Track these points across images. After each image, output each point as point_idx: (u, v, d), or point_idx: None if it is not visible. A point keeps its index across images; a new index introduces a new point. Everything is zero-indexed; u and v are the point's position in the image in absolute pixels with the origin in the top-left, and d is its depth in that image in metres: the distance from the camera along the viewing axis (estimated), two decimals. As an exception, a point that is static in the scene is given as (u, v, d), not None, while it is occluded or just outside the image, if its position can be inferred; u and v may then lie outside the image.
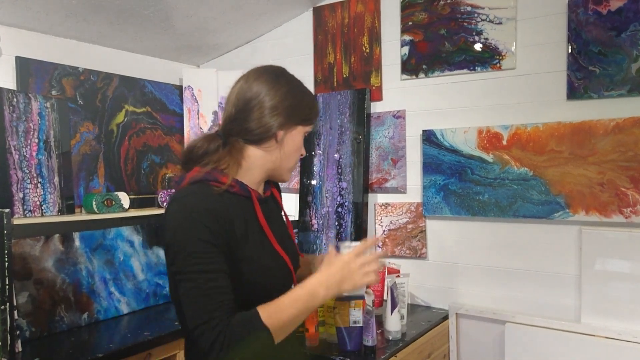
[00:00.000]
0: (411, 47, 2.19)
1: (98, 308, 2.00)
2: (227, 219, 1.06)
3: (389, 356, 1.66)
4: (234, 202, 1.11)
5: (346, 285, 1.08)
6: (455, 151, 2.07)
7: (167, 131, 2.58)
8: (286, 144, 1.18)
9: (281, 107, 1.15)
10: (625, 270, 1.74)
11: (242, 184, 1.14)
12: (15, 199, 1.88)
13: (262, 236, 1.16)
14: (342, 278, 1.08)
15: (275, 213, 1.27)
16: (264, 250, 1.14)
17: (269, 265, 1.14)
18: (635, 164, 1.73)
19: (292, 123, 1.17)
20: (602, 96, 1.79)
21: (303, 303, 1.05)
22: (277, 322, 1.01)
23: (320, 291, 1.06)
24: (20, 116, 1.91)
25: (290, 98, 1.17)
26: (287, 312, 1.03)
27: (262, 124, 1.13)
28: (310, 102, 1.22)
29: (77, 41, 2.24)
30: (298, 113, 1.18)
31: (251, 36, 2.64)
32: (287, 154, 1.19)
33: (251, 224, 1.14)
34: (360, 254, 1.11)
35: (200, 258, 1.01)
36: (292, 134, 1.18)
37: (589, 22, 1.80)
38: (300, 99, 1.19)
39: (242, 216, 1.11)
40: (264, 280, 1.12)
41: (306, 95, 1.22)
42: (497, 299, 2.03)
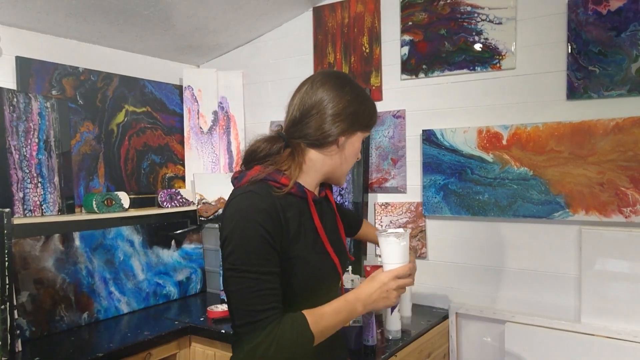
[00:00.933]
0: (411, 47, 2.20)
1: (98, 308, 2.00)
2: (283, 219, 1.09)
3: (389, 356, 1.66)
4: (290, 202, 1.14)
5: (381, 304, 1.14)
6: (455, 151, 2.07)
7: (167, 131, 2.58)
8: (346, 149, 1.21)
9: (344, 114, 1.17)
10: (625, 270, 1.74)
11: (300, 185, 1.17)
12: (16, 199, 1.88)
13: (316, 236, 1.18)
14: (379, 298, 1.13)
15: (328, 214, 1.29)
16: (315, 251, 1.17)
17: (318, 265, 1.16)
18: (635, 164, 1.73)
19: (353, 130, 1.20)
20: (602, 96, 1.79)
21: (343, 315, 1.11)
22: (319, 329, 1.07)
23: (358, 307, 1.13)
24: (20, 116, 1.91)
25: (353, 106, 1.19)
26: (328, 321, 1.09)
27: (325, 130, 1.16)
28: (371, 110, 1.25)
29: (77, 41, 2.24)
30: (359, 120, 1.20)
31: (251, 36, 2.64)
32: (346, 159, 1.23)
33: (305, 224, 1.16)
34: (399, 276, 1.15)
35: (255, 258, 1.03)
36: (352, 139, 1.21)
37: (589, 22, 1.80)
38: (362, 107, 1.21)
39: (298, 216, 1.14)
40: (312, 280, 1.15)
41: (367, 102, 1.24)
42: (497, 299, 2.03)
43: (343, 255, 1.29)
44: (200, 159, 2.64)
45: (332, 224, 1.29)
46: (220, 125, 2.68)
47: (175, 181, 2.62)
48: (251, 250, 1.03)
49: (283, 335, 1.01)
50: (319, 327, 1.07)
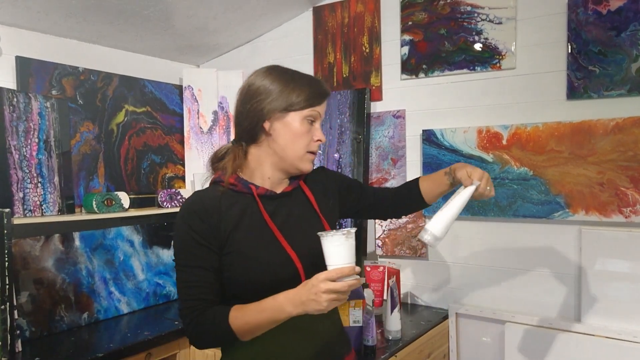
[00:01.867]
0: (411, 47, 2.20)
1: (98, 308, 2.00)
2: (215, 216, 1.14)
3: (389, 356, 1.66)
4: (236, 199, 1.17)
5: (310, 307, 1.03)
6: (455, 151, 2.07)
7: (167, 131, 2.58)
8: (278, 134, 1.17)
9: (263, 99, 1.16)
10: (625, 270, 1.74)
11: (244, 182, 1.19)
12: (16, 199, 1.88)
13: (265, 231, 1.16)
14: (307, 300, 1.03)
15: (301, 208, 1.25)
16: (262, 245, 1.15)
17: (265, 259, 1.14)
18: (635, 164, 1.73)
19: (277, 110, 1.16)
20: (602, 96, 1.79)
21: (268, 314, 1.07)
22: (241, 325, 1.08)
23: (287, 307, 1.05)
24: (20, 116, 1.91)
25: (274, 87, 1.16)
26: (250, 317, 1.08)
27: (250, 121, 1.18)
28: (300, 87, 1.18)
29: (77, 41, 2.24)
30: (283, 100, 1.16)
31: (251, 36, 2.64)
32: (284, 144, 1.17)
33: (251, 219, 1.17)
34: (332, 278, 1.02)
35: (184, 254, 1.14)
36: (283, 122, 1.17)
37: (589, 22, 1.80)
38: (285, 86, 1.17)
39: (239, 212, 1.16)
40: (258, 274, 1.13)
41: (294, 80, 1.18)
42: (497, 299, 2.03)
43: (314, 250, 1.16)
44: (200, 159, 2.64)
45: (299, 217, 1.23)
46: (220, 125, 2.68)
47: (175, 181, 2.62)
48: (181, 247, 1.14)
49: (202, 326, 1.10)
50: (239, 321, 1.08)
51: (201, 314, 1.10)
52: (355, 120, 2.31)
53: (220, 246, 1.14)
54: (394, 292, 1.77)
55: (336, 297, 1.02)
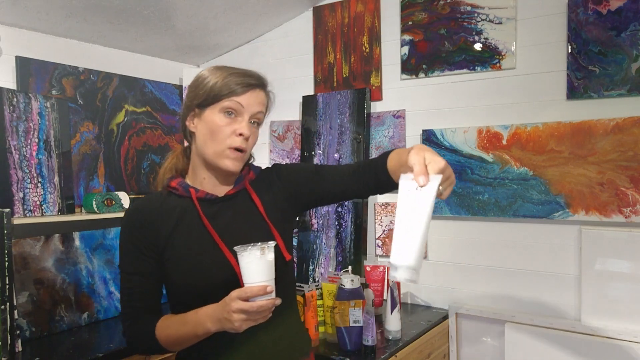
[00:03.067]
0: (411, 47, 2.20)
1: (98, 308, 2.00)
2: (153, 222, 1.14)
3: (389, 356, 1.66)
4: (175, 203, 1.17)
5: (226, 325, 1.00)
6: (455, 151, 2.07)
7: (167, 131, 2.58)
8: (199, 131, 1.15)
9: (185, 101, 1.18)
10: (625, 270, 1.74)
11: (185, 185, 1.18)
12: (16, 199, 1.88)
13: (204, 235, 1.14)
14: (222, 318, 1.00)
15: (244, 212, 1.19)
16: (200, 250, 1.13)
17: (203, 265, 1.11)
18: (635, 164, 1.73)
19: (194, 109, 1.15)
20: (602, 96, 1.79)
21: (190, 328, 1.06)
22: (165, 336, 1.09)
23: (207, 323, 1.03)
24: (20, 116, 1.91)
25: (190, 89, 1.17)
26: (174, 329, 1.08)
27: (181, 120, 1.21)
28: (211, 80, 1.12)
29: (77, 41, 2.24)
30: (194, 98, 1.15)
31: (251, 36, 2.64)
32: (203, 140, 1.13)
33: (190, 223, 1.15)
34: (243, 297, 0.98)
35: (122, 260, 1.16)
36: (202, 118, 1.14)
37: (589, 22, 1.80)
38: (198, 83, 1.15)
39: (176, 217, 1.15)
40: (196, 280, 1.11)
41: (207, 76, 1.14)
42: (497, 299, 2.03)
43: None
44: (200, 159, 2.64)
45: (242, 221, 1.18)
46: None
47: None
48: (121, 253, 1.16)
49: (135, 333, 1.13)
50: (164, 332, 1.09)
51: (134, 322, 1.12)
52: (355, 120, 2.31)
53: (160, 252, 1.13)
54: (394, 292, 1.77)
55: (247, 318, 0.97)
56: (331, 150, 2.37)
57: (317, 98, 2.43)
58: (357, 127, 2.30)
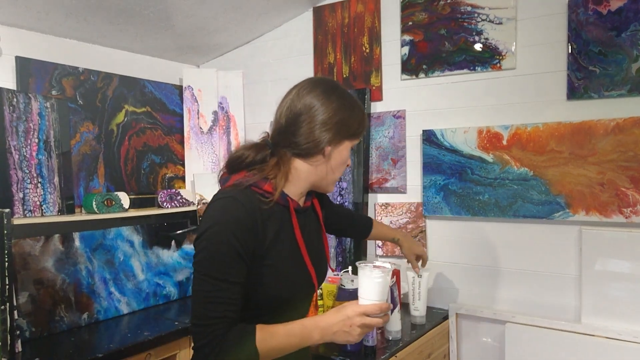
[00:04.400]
0: (411, 47, 2.19)
1: (98, 308, 2.00)
2: (260, 228, 1.08)
3: (389, 356, 1.66)
4: (273, 210, 1.13)
5: (341, 338, 1.05)
6: (455, 151, 2.07)
7: (167, 131, 2.58)
8: (333, 159, 1.17)
9: (330, 123, 1.14)
10: (625, 270, 1.74)
11: (283, 194, 1.15)
12: (15, 199, 1.88)
13: (294, 247, 1.16)
14: (340, 331, 1.04)
15: (312, 225, 1.26)
16: (291, 261, 1.15)
17: (292, 276, 1.14)
18: (635, 164, 1.73)
19: (340, 138, 1.16)
20: (602, 96, 1.79)
21: (296, 340, 1.06)
22: (267, 348, 1.04)
23: (315, 335, 1.05)
24: (20, 116, 1.91)
25: (340, 114, 1.15)
26: (279, 342, 1.05)
27: (311, 139, 1.14)
28: (359, 117, 1.20)
29: (77, 41, 2.24)
30: (347, 128, 1.16)
31: (251, 36, 2.64)
32: (334, 168, 1.19)
33: (285, 234, 1.15)
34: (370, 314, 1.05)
35: (219, 265, 1.03)
36: (339, 148, 1.17)
37: (589, 22, 1.80)
38: (350, 115, 1.17)
39: (277, 225, 1.13)
40: (283, 291, 1.13)
41: (355, 109, 1.19)
42: (497, 299, 2.03)
43: (322, 267, 1.26)
44: (200, 159, 2.64)
45: (315, 235, 1.26)
46: (220, 126, 2.68)
47: (175, 181, 2.61)
48: (217, 257, 1.04)
49: (226, 346, 1.02)
50: (266, 345, 1.04)
51: (224, 333, 1.03)
52: (355, 121, 2.31)
53: (256, 258, 1.09)
54: (393, 293, 1.77)
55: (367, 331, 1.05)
56: (331, 151, 2.37)
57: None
58: (357, 127, 2.30)
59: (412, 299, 1.97)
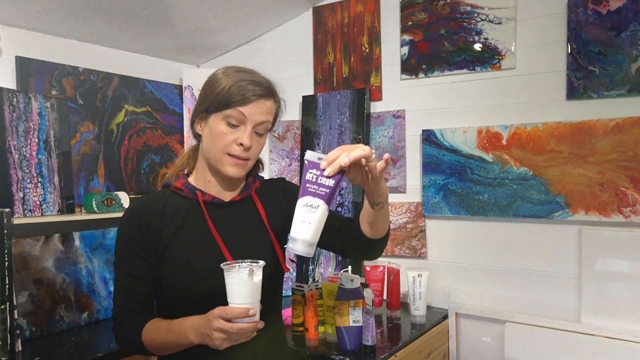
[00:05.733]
0: (411, 47, 2.20)
1: (98, 307, 2.00)
2: (157, 223, 1.13)
3: (389, 356, 1.66)
4: (181, 204, 1.17)
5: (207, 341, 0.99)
6: (454, 151, 2.07)
7: (167, 131, 2.58)
8: (204, 136, 1.16)
9: (197, 102, 1.19)
10: (625, 270, 1.74)
11: (191, 187, 1.17)
12: (15, 199, 1.88)
13: (207, 239, 1.13)
14: (204, 333, 0.99)
15: (247, 219, 1.20)
16: (201, 254, 1.12)
17: (203, 268, 1.10)
18: (635, 164, 1.73)
19: (203, 112, 1.15)
20: (602, 96, 1.79)
21: (174, 337, 1.06)
22: (150, 340, 1.10)
23: (190, 335, 1.03)
24: (20, 116, 1.91)
25: (202, 91, 1.17)
26: (158, 335, 1.09)
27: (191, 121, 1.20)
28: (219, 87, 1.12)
29: (77, 41, 2.24)
30: (206, 102, 1.14)
31: (251, 36, 2.64)
32: (207, 145, 1.15)
33: (191, 227, 1.15)
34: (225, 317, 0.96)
35: (119, 258, 1.16)
36: (207, 123, 1.14)
37: (589, 22, 1.80)
38: (208, 87, 1.15)
39: (181, 218, 1.15)
40: (190, 284, 1.10)
41: (217, 80, 1.14)
42: (497, 298, 2.03)
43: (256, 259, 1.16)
44: (200, 159, 2.64)
45: (249, 229, 1.19)
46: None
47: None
48: (118, 251, 1.16)
49: (122, 332, 1.14)
50: (150, 336, 1.09)
51: (123, 321, 1.13)
52: (355, 120, 2.31)
53: (160, 253, 1.13)
54: None
55: (227, 337, 0.96)
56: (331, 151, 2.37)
57: (316, 98, 2.43)
58: (357, 127, 2.30)
59: (412, 299, 1.97)
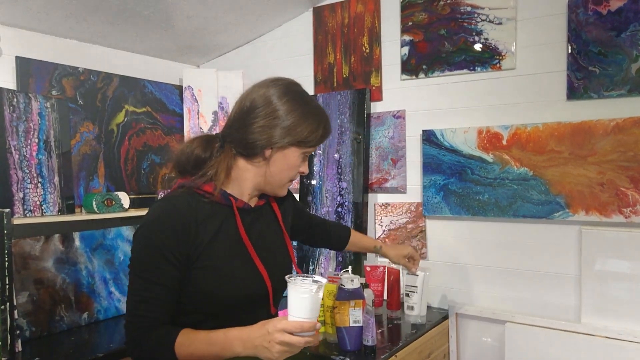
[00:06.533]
0: (411, 47, 2.20)
1: (98, 308, 2.00)
2: (193, 230, 1.08)
3: (389, 356, 1.66)
4: (214, 210, 1.12)
5: (262, 353, 0.99)
6: (455, 151, 2.07)
7: (167, 131, 2.58)
8: (274, 163, 1.13)
9: (275, 125, 1.10)
10: (625, 270, 1.74)
11: (224, 193, 1.13)
12: (16, 199, 1.88)
13: (239, 247, 1.13)
14: (260, 345, 0.98)
15: (268, 225, 1.23)
16: (234, 262, 1.12)
17: (237, 275, 1.11)
18: (635, 164, 1.73)
19: (285, 143, 1.12)
20: (602, 96, 1.79)
21: (217, 348, 1.03)
22: (185, 353, 1.03)
23: (237, 347, 1.01)
24: (20, 116, 1.91)
25: (290, 119, 1.11)
26: (198, 349, 1.03)
27: (253, 139, 1.11)
28: (313, 126, 1.13)
29: (77, 41, 2.24)
30: (294, 135, 1.11)
31: (251, 36, 2.64)
32: (276, 173, 1.14)
33: (225, 234, 1.12)
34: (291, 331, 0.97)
35: (145, 265, 1.06)
36: (284, 153, 1.13)
37: (589, 22, 1.80)
38: (300, 120, 1.12)
39: (216, 225, 1.11)
40: (224, 292, 1.09)
41: (310, 117, 1.13)
42: (497, 299, 2.03)
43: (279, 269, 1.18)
44: (200, 159, 2.64)
45: (271, 235, 1.22)
46: (220, 126, 2.68)
47: (175, 181, 2.61)
48: (143, 258, 1.06)
49: (145, 345, 1.05)
50: (185, 350, 1.03)
51: (146, 332, 1.05)
52: (355, 121, 2.31)
53: (193, 259, 1.08)
54: None
55: (289, 350, 0.97)
56: (331, 151, 2.37)
57: (317, 98, 2.43)
58: (357, 127, 2.30)
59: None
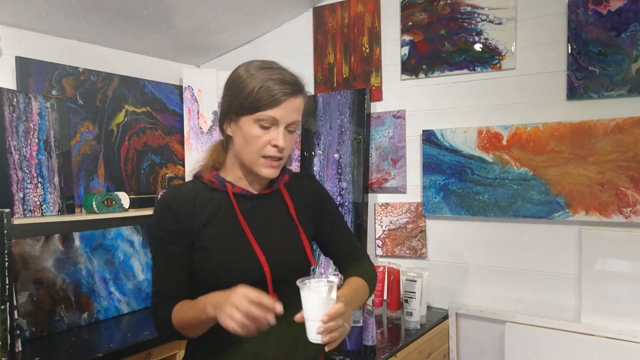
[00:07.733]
0: (411, 47, 2.20)
1: (98, 308, 2.00)
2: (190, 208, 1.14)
3: (389, 356, 1.66)
4: (212, 196, 1.17)
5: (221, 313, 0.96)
6: (455, 151, 2.07)
7: (167, 131, 2.58)
8: (236, 139, 1.15)
9: (224, 103, 1.17)
10: (625, 270, 1.74)
11: (222, 180, 1.18)
12: (16, 199, 1.88)
13: (237, 232, 1.15)
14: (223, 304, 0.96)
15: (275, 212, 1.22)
16: (230, 246, 1.13)
17: (231, 258, 1.13)
18: (635, 164, 1.73)
19: (233, 114, 1.13)
20: (602, 96, 1.79)
21: (196, 312, 1.05)
22: (177, 320, 1.10)
23: (209, 308, 1.00)
24: (20, 116, 1.91)
25: (228, 91, 1.17)
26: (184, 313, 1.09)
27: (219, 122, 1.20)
28: (248, 88, 1.10)
29: (77, 41, 2.24)
30: (235, 104, 1.12)
31: (251, 36, 2.64)
32: (240, 148, 1.14)
33: (222, 219, 1.15)
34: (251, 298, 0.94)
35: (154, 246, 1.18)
36: (238, 125, 1.13)
37: (589, 22, 1.80)
38: (236, 88, 1.13)
39: (214, 209, 1.16)
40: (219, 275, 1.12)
41: (246, 80, 1.11)
42: (497, 299, 2.03)
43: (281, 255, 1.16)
44: (200, 159, 2.64)
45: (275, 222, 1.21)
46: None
47: (175, 181, 2.61)
48: (151, 241, 1.20)
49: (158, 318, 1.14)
50: (177, 316, 1.10)
51: (159, 306, 1.13)
52: (355, 121, 2.31)
53: (191, 242, 1.14)
54: None
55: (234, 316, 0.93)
56: (331, 151, 2.37)
57: (317, 98, 2.43)
58: (357, 127, 2.30)
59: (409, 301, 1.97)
